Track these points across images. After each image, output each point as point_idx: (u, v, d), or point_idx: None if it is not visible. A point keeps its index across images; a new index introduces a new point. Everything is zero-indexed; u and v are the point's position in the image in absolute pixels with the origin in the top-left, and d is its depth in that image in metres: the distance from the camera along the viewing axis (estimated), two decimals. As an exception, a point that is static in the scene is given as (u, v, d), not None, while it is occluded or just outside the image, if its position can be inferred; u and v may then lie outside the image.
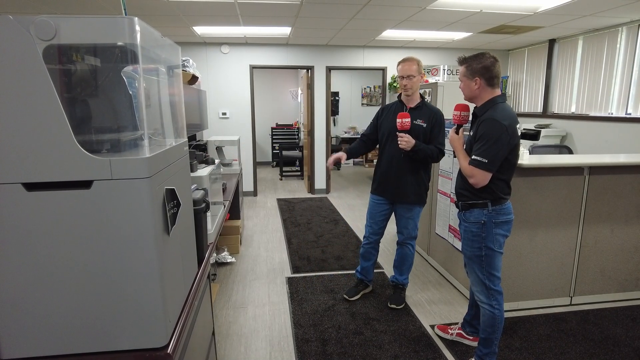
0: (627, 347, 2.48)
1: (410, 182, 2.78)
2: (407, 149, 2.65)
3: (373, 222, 2.96)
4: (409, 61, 2.71)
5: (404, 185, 2.78)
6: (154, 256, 1.05)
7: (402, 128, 2.64)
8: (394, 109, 2.83)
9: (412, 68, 2.68)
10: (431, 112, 2.77)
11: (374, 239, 3.00)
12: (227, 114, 6.45)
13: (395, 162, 2.78)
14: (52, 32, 0.91)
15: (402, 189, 2.79)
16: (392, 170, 2.79)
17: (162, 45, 1.28)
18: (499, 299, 2.14)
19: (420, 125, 2.72)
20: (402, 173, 2.77)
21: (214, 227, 2.06)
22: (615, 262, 3.00)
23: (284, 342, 2.57)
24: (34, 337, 1.03)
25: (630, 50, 4.59)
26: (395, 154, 2.76)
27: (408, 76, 2.69)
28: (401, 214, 2.89)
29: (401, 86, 2.75)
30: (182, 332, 1.20)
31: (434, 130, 2.75)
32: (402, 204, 2.86)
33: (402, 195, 2.81)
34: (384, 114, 2.89)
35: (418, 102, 2.78)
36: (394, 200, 2.87)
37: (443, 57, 6.76)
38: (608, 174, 2.84)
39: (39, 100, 0.93)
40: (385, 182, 2.84)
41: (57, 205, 0.98)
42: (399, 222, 2.93)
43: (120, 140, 1.12)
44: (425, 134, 2.73)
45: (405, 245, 2.96)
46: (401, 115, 2.64)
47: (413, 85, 2.71)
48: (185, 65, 3.32)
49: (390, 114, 2.83)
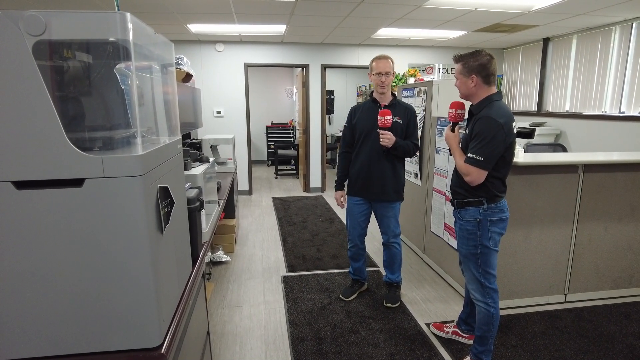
0: (621, 344, 2.50)
1: (390, 179, 2.79)
2: (389, 147, 2.67)
3: (355, 224, 2.94)
4: (385, 58, 2.71)
5: (385, 183, 2.78)
6: (147, 255, 1.03)
7: (384, 126, 2.65)
8: (367, 108, 2.82)
9: (389, 65, 2.70)
10: (405, 108, 2.80)
11: (358, 240, 2.98)
12: (221, 112, 6.43)
13: (374, 161, 2.77)
14: (42, 27, 0.89)
15: (383, 187, 2.79)
16: (372, 169, 2.78)
17: (155, 42, 1.26)
18: (494, 296, 2.14)
19: (397, 122, 2.73)
20: (383, 171, 2.77)
21: (209, 226, 2.04)
22: (609, 260, 3.02)
23: (279, 341, 2.56)
24: (25, 338, 1.01)
25: (623, 49, 4.61)
26: (373, 152, 2.76)
27: (386, 73, 2.69)
28: (382, 213, 2.88)
29: (378, 83, 2.72)
30: (176, 332, 1.19)
31: (410, 126, 2.78)
32: (382, 202, 2.85)
33: (383, 193, 2.81)
34: (357, 114, 2.86)
35: (391, 100, 2.78)
36: (375, 199, 2.86)
37: (438, 56, 6.77)
38: (602, 172, 2.86)
39: (29, 97, 0.91)
40: (366, 182, 2.82)
41: (48, 204, 0.96)
42: (382, 223, 2.92)
43: (112, 138, 1.10)
44: (402, 130, 2.76)
45: (391, 246, 2.96)
46: (383, 112, 2.64)
47: (389, 82, 2.73)
48: (179, 63, 3.29)
49: (364, 113, 2.82)
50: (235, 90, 6.41)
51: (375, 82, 2.74)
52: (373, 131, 2.72)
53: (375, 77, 2.72)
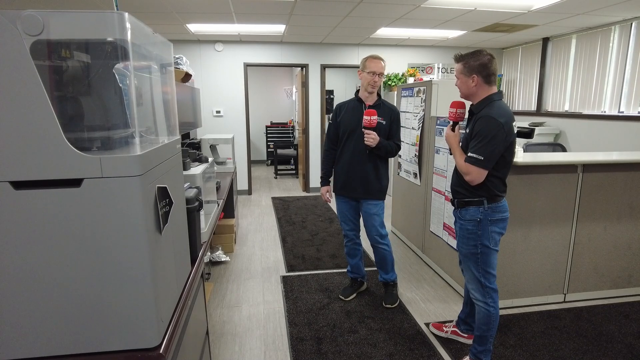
0: (620, 344, 2.50)
1: (373, 178, 2.81)
2: (373, 146, 2.70)
3: (346, 219, 2.98)
4: (379, 59, 2.74)
5: (368, 181, 2.81)
6: (145, 255, 1.03)
7: (369, 125, 2.67)
8: (352, 107, 2.84)
9: (382, 65, 2.73)
10: (390, 109, 2.83)
11: (352, 234, 3.01)
12: (221, 112, 6.42)
13: (358, 160, 2.79)
14: (40, 27, 0.89)
15: (366, 186, 2.82)
16: (356, 168, 2.80)
17: (154, 41, 1.26)
18: (494, 296, 2.14)
19: (381, 123, 2.76)
20: (366, 170, 2.80)
21: (208, 226, 2.04)
22: (608, 259, 3.02)
23: (278, 341, 2.56)
24: (23, 338, 1.01)
25: (622, 48, 4.62)
26: (357, 151, 2.78)
27: (380, 73, 2.72)
28: (366, 211, 2.90)
29: (370, 82, 2.73)
30: (174, 332, 1.19)
31: (393, 127, 2.82)
32: (366, 200, 2.87)
33: (367, 192, 2.83)
34: (342, 112, 2.87)
35: (377, 100, 2.81)
36: (357, 197, 2.88)
37: (437, 55, 6.77)
38: (601, 172, 2.86)
39: (27, 97, 0.91)
40: (350, 180, 2.84)
41: (46, 204, 0.96)
42: (366, 223, 2.93)
43: (111, 137, 1.10)
44: (385, 131, 2.79)
45: (379, 246, 2.95)
46: (368, 112, 2.66)
47: (380, 83, 2.76)
48: (179, 62, 3.29)
49: (349, 112, 2.83)
50: (235, 90, 6.40)
51: (366, 81, 2.74)
52: (357, 130, 2.75)
53: (368, 75, 2.72)
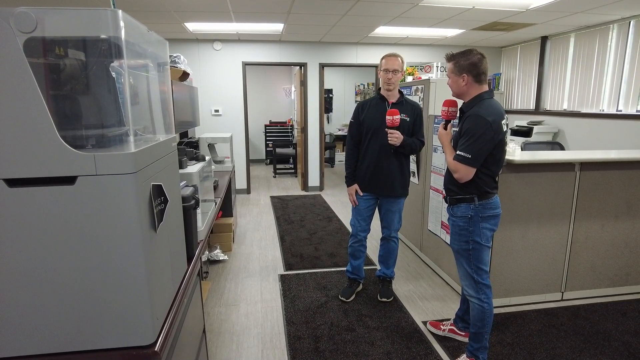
0: (617, 342, 2.50)
1: (397, 175, 2.83)
2: (397, 145, 2.70)
3: (361, 219, 2.97)
4: (395, 56, 2.74)
5: (393, 178, 2.82)
6: (140, 253, 1.03)
7: (392, 125, 2.67)
8: (374, 105, 2.84)
9: (397, 62, 2.72)
10: (412, 106, 2.84)
11: (362, 236, 3.01)
12: (219, 111, 6.42)
13: (383, 157, 2.80)
14: (33, 24, 0.89)
15: (391, 183, 2.83)
16: (381, 166, 2.81)
17: (149, 39, 1.26)
18: (487, 292, 2.15)
19: (405, 120, 2.76)
20: (391, 167, 2.81)
21: (205, 225, 2.04)
22: (606, 258, 3.03)
23: (276, 340, 2.56)
24: (17, 336, 1.01)
25: (621, 47, 4.61)
26: (382, 149, 2.78)
27: (394, 70, 2.71)
28: (388, 208, 2.92)
29: (385, 80, 2.75)
30: (170, 330, 1.19)
31: (416, 124, 2.83)
32: (388, 198, 2.89)
33: (390, 189, 2.84)
34: (364, 110, 2.87)
35: (399, 97, 2.81)
36: (382, 195, 2.89)
37: (436, 54, 6.76)
38: (599, 170, 2.86)
39: (21, 94, 0.90)
40: (375, 178, 2.84)
41: (40, 202, 0.96)
42: (385, 218, 2.96)
43: (105, 135, 1.10)
44: (409, 127, 2.80)
45: (390, 240, 3.01)
46: (391, 112, 2.66)
47: (397, 80, 2.75)
48: (176, 61, 3.28)
49: (371, 110, 2.83)
50: (233, 88, 6.40)
51: (383, 80, 2.78)
52: (381, 128, 2.75)
53: (383, 73, 2.75)
